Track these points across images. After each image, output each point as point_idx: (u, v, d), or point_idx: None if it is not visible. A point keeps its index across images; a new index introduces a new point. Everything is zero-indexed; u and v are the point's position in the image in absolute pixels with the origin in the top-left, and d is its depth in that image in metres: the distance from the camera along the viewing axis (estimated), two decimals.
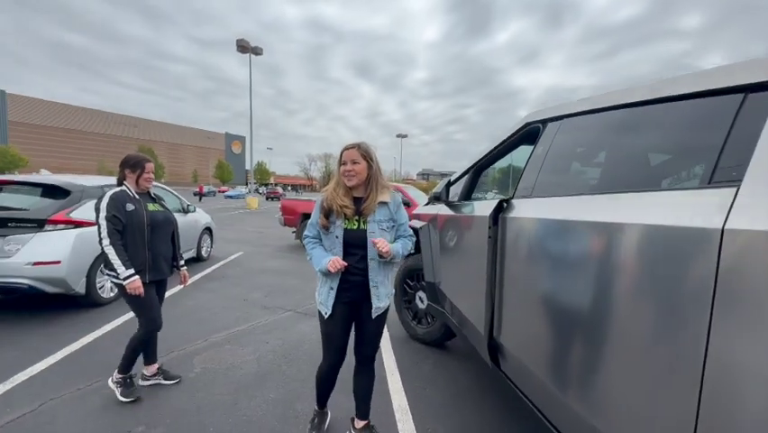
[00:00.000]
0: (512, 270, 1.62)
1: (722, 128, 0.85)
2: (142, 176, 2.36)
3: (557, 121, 1.62)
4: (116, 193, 2.23)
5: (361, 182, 1.75)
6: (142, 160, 2.37)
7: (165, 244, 2.44)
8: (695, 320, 0.77)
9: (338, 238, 1.73)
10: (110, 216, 2.14)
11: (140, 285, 2.16)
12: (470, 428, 2.13)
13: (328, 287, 1.76)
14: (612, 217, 1.06)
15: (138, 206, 2.27)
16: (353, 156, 1.72)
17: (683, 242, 0.82)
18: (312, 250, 1.81)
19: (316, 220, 1.79)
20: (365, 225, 1.73)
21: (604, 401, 1.05)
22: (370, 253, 1.72)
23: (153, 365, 2.49)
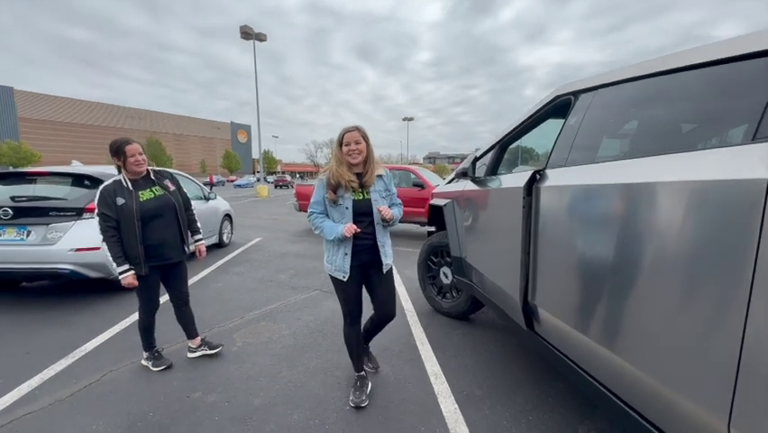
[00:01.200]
0: (547, 236, 1.71)
1: (764, 86, 0.92)
2: (128, 160, 2.24)
3: (591, 92, 1.68)
4: (107, 186, 2.20)
5: (363, 159, 2.01)
6: (122, 144, 2.23)
7: (168, 231, 2.40)
8: (739, 268, 0.86)
9: (348, 209, 1.99)
10: (100, 213, 2.17)
11: (132, 280, 2.24)
12: (501, 388, 2.26)
13: (342, 253, 2.01)
14: (652, 178, 1.13)
15: (128, 198, 2.22)
16: (356, 137, 1.98)
17: (728, 195, 0.90)
18: (322, 223, 2.03)
19: (322, 198, 2.04)
20: (368, 196, 2.03)
21: (645, 348, 1.15)
22: (376, 219, 2.02)
23: (196, 338, 2.65)
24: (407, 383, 2.32)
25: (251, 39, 23.89)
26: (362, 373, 2.23)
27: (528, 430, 1.90)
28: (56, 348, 2.72)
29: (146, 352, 2.50)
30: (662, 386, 1.09)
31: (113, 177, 2.31)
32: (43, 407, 2.05)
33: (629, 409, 1.25)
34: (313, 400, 2.15)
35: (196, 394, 2.18)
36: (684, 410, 1.03)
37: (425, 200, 7.27)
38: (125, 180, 2.27)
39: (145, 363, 2.48)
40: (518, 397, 2.18)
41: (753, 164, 0.86)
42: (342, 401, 2.13)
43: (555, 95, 1.95)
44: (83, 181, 3.90)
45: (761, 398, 0.83)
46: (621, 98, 1.51)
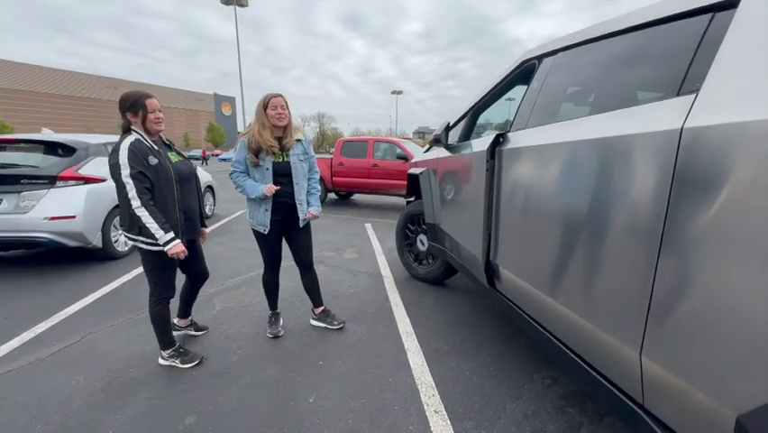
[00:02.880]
0: (506, 197, 1.79)
1: (692, 45, 0.97)
2: (148, 117, 1.92)
3: (551, 56, 1.71)
4: (134, 143, 1.84)
5: (286, 123, 2.21)
6: (141, 96, 1.92)
7: (194, 200, 2.17)
8: (657, 210, 0.94)
9: (268, 170, 2.21)
10: (135, 173, 1.80)
11: (182, 248, 1.92)
12: (467, 344, 2.41)
13: (263, 209, 2.25)
14: (593, 134, 1.20)
15: (161, 158, 1.93)
16: (281, 102, 2.18)
17: (649, 145, 0.97)
18: (244, 182, 2.24)
19: (243, 158, 2.23)
20: (288, 158, 2.26)
21: (586, 294, 1.26)
22: (295, 179, 2.27)
23: (188, 318, 2.47)
24: (380, 341, 2.45)
25: (233, 4, 22.80)
26: (277, 311, 2.65)
27: (488, 379, 2.04)
28: (36, 313, 2.76)
29: (166, 350, 2.12)
30: (594, 328, 1.21)
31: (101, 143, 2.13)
32: (23, 365, 2.11)
33: (568, 350, 1.37)
34: (288, 355, 2.26)
35: None
36: (610, 347, 1.15)
37: None
38: (146, 140, 1.92)
39: (168, 362, 2.11)
40: (483, 352, 2.32)
41: (672, 115, 0.92)
42: (316, 357, 2.24)
43: (522, 60, 1.98)
44: (55, 149, 3.82)
45: (664, 333, 0.93)
46: (576, 61, 1.56)
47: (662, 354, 0.95)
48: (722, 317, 0.80)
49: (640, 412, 1.05)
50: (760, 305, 0.72)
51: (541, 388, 1.98)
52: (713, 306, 0.81)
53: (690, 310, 0.86)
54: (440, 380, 2.03)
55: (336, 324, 2.60)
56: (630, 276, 1.03)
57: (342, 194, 9.75)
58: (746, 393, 0.75)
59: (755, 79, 0.78)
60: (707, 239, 0.82)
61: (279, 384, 1.98)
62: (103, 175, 3.92)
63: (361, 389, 1.95)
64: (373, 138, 8.30)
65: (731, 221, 0.77)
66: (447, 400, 1.86)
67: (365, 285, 3.48)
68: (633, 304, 1.02)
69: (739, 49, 0.84)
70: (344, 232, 5.78)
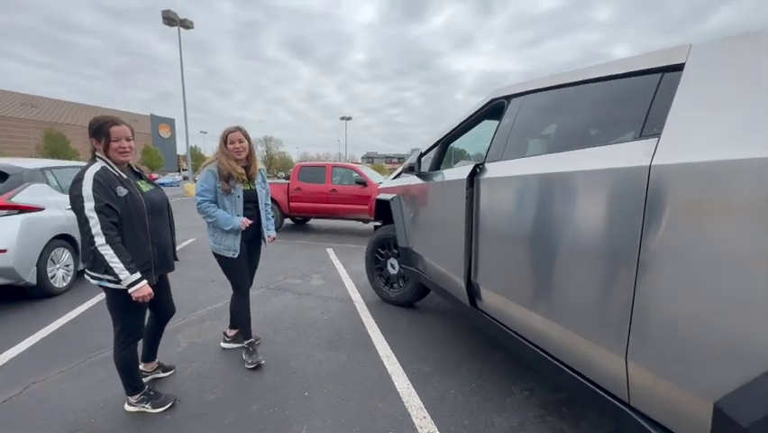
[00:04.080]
0: (486, 222, 1.95)
1: (647, 97, 1.20)
2: (111, 145, 1.75)
3: (520, 97, 1.94)
4: (100, 173, 1.69)
5: (246, 155, 2.34)
6: (107, 122, 1.76)
7: (166, 232, 2.02)
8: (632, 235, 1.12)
9: (239, 198, 2.33)
10: (101, 207, 1.64)
11: (149, 291, 1.74)
12: (447, 363, 2.49)
13: (233, 234, 2.32)
14: (567, 168, 1.39)
15: (131, 188, 1.78)
16: (239, 137, 2.30)
17: (623, 178, 1.16)
18: (215, 212, 2.27)
19: (213, 187, 2.29)
20: (253, 186, 2.43)
21: (575, 309, 1.41)
22: (260, 204, 2.45)
23: (154, 361, 2.27)
24: (362, 367, 2.44)
25: (176, 25, 22.07)
26: (251, 340, 2.51)
27: (472, 395, 2.13)
28: None
29: (134, 396, 1.94)
30: (582, 338, 1.35)
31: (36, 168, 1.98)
32: None
33: (554, 360, 1.51)
34: (270, 389, 2.17)
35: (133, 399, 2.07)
36: (597, 354, 1.29)
37: (368, 198, 7.44)
38: (114, 168, 1.77)
39: (137, 408, 1.93)
40: (462, 369, 2.42)
41: (638, 155, 1.12)
42: (300, 389, 2.18)
43: (491, 98, 2.20)
44: None
45: (646, 339, 1.09)
46: (544, 103, 1.79)
47: (645, 357, 1.11)
48: (694, 320, 0.96)
49: (627, 411, 1.19)
50: (722, 308, 0.90)
51: (521, 399, 2.10)
52: (686, 311, 0.98)
53: (667, 316, 1.03)
54: (427, 401, 2.08)
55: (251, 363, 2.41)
56: (614, 291, 1.19)
57: (299, 219, 9.59)
58: (719, 383, 0.91)
59: (705, 128, 0.99)
60: (677, 255, 1.00)
61: (266, 421, 1.90)
62: (41, 203, 3.55)
63: (352, 417, 1.94)
64: (332, 163, 8.36)
65: (695, 239, 0.96)
66: (438, 421, 1.91)
67: (337, 311, 3.45)
68: (617, 315, 1.18)
69: (689, 102, 1.06)
70: (306, 258, 5.68)
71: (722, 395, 0.90)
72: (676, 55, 1.14)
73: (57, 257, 3.73)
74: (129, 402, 1.95)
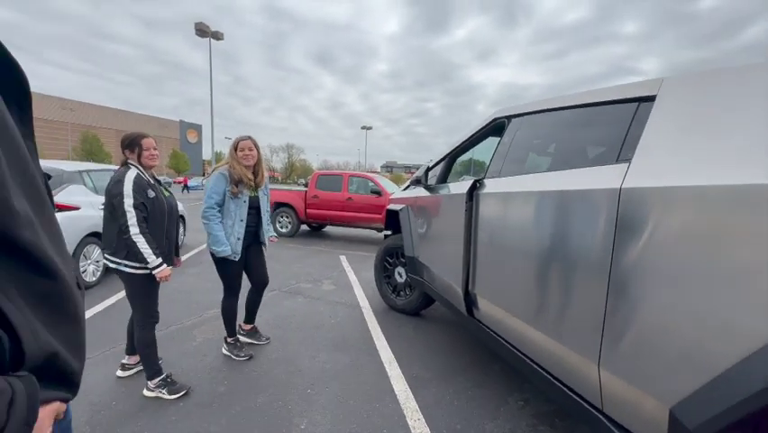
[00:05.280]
0: (482, 235, 2.05)
1: (625, 124, 1.30)
2: (143, 154, 2.13)
3: (520, 117, 2.06)
4: (137, 177, 2.05)
5: (254, 163, 2.53)
6: (137, 137, 2.15)
7: (174, 231, 2.34)
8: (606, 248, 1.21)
9: (245, 202, 2.50)
10: (138, 204, 2.00)
11: (169, 272, 2.10)
12: (447, 371, 2.57)
13: (235, 238, 2.47)
14: (553, 187, 1.49)
15: (157, 192, 2.14)
16: (249, 145, 2.49)
17: (598, 199, 1.25)
18: (215, 227, 2.40)
19: (222, 189, 2.42)
20: (257, 193, 2.61)
21: (554, 319, 1.49)
22: (261, 210, 2.63)
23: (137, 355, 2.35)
24: (364, 369, 2.56)
25: (207, 36, 23.15)
26: (237, 336, 2.76)
27: (468, 402, 2.21)
28: None
29: (153, 380, 2.15)
30: (562, 347, 1.44)
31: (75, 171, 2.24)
32: None
33: (540, 369, 1.59)
34: (275, 385, 2.31)
35: None
36: (575, 363, 1.37)
37: (383, 207, 7.59)
38: (144, 174, 2.12)
39: (154, 394, 2.13)
40: (461, 377, 2.49)
41: (614, 177, 1.22)
42: (304, 386, 2.31)
43: (493, 117, 2.32)
44: None
45: (615, 348, 1.17)
46: (538, 124, 1.90)
47: (614, 365, 1.19)
48: (653, 332, 1.05)
49: (600, 416, 1.27)
50: (676, 320, 0.98)
51: (515, 409, 2.16)
52: (648, 323, 1.07)
53: (632, 328, 1.11)
54: (423, 404, 2.17)
55: (264, 339, 2.90)
56: (588, 303, 1.28)
57: (315, 226, 9.83)
58: (673, 390, 0.99)
59: (670, 155, 1.08)
60: (642, 272, 1.09)
61: (270, 412, 2.03)
62: (77, 203, 3.85)
63: (351, 415, 2.05)
64: (348, 172, 8.58)
65: (655, 257, 1.04)
66: (432, 423, 1.99)
67: (345, 316, 3.58)
68: (590, 325, 1.26)
69: (658, 132, 1.16)
70: (320, 264, 5.86)
71: (676, 401, 0.98)
72: (650, 87, 1.24)
73: (88, 253, 4.03)
74: (148, 387, 2.15)
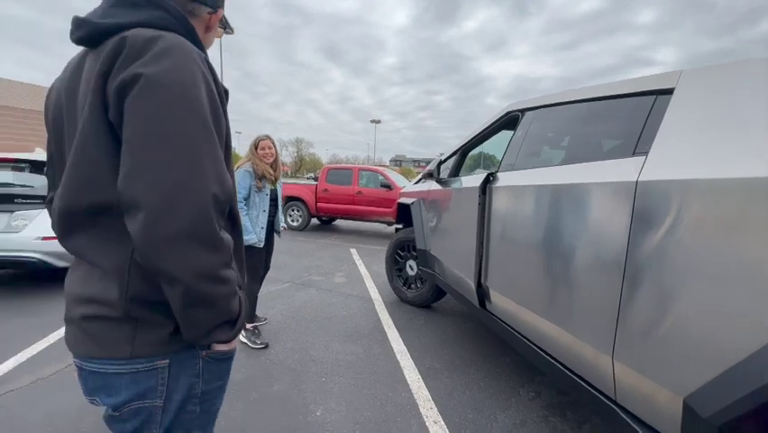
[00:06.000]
0: (496, 228, 2.06)
1: (641, 117, 1.29)
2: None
3: (533, 110, 2.05)
4: None
5: (273, 160, 2.77)
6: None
7: None
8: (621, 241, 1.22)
9: (267, 195, 2.74)
10: None
11: None
12: (457, 362, 2.60)
13: (259, 227, 2.68)
14: (569, 180, 1.50)
15: None
16: (268, 144, 2.75)
17: (614, 191, 1.26)
18: (243, 217, 2.58)
19: (248, 184, 2.63)
20: (276, 186, 2.86)
21: (568, 311, 1.51)
22: (278, 202, 2.90)
23: None
24: (377, 359, 2.60)
25: None
26: (255, 324, 2.92)
27: (479, 392, 2.24)
28: (28, 333, 2.73)
29: None
30: (575, 339, 1.45)
31: None
32: (26, 384, 2.12)
33: (554, 361, 1.61)
34: (291, 373, 2.37)
35: None
36: (589, 354, 1.39)
37: (393, 201, 7.61)
38: None
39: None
40: (472, 369, 2.53)
41: (630, 170, 1.22)
42: (318, 375, 2.37)
43: (506, 111, 2.31)
44: None
45: (628, 338, 1.19)
46: (553, 117, 1.90)
47: (627, 356, 1.20)
48: (668, 323, 1.06)
49: (613, 407, 1.29)
50: (691, 312, 0.99)
51: (526, 400, 2.19)
52: (662, 315, 1.08)
53: (647, 320, 1.13)
54: (435, 394, 2.21)
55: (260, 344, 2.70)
56: (603, 295, 1.29)
57: (325, 219, 9.91)
58: (688, 381, 1.00)
59: (687, 148, 1.09)
60: (657, 265, 1.09)
61: (286, 400, 2.10)
62: None
63: (364, 403, 2.10)
64: (358, 166, 8.61)
65: (671, 250, 1.05)
66: (444, 412, 2.03)
67: (357, 308, 3.63)
68: (605, 318, 1.28)
69: (675, 125, 1.15)
70: (331, 257, 5.92)
71: (690, 392, 0.99)
72: (668, 80, 1.23)
73: None
74: None
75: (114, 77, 0.60)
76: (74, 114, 0.66)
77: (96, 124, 0.61)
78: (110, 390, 0.67)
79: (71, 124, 0.67)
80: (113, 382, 0.67)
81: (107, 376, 0.67)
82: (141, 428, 0.70)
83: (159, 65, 0.59)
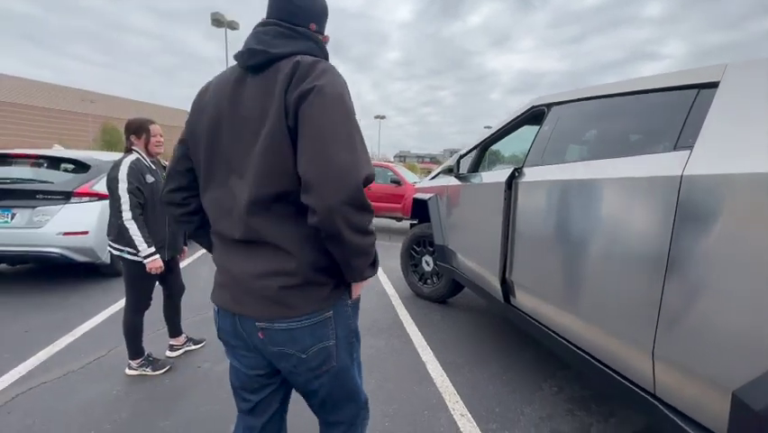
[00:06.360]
0: (523, 223, 2.06)
1: (683, 111, 1.29)
2: (150, 141, 2.16)
3: (561, 105, 2.04)
4: (134, 162, 2.04)
5: None
6: (146, 122, 2.17)
7: None
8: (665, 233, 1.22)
9: None
10: (132, 188, 1.98)
11: (161, 264, 2.08)
12: (477, 357, 2.62)
13: None
14: (606, 175, 1.50)
15: (156, 177, 2.13)
16: None
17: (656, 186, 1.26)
18: None
19: None
20: None
21: (605, 308, 1.52)
22: None
23: (181, 336, 2.54)
24: (399, 354, 2.63)
25: (223, 27, 23.21)
26: None
27: (503, 387, 2.25)
28: (54, 327, 2.78)
29: (137, 359, 2.23)
30: (611, 335, 1.46)
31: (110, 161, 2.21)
32: (58, 377, 2.17)
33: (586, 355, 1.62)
34: None
35: (205, 364, 2.37)
36: (626, 349, 1.40)
37: (402, 196, 7.62)
38: (145, 159, 2.14)
39: (137, 372, 2.21)
40: (493, 363, 2.54)
41: (673, 164, 1.22)
42: None
43: (531, 105, 2.31)
44: (70, 166, 3.88)
45: (672, 336, 1.19)
46: (584, 112, 1.89)
47: (669, 351, 1.21)
48: (715, 318, 1.06)
49: (653, 401, 1.29)
50: (740, 307, 0.99)
51: (550, 395, 2.20)
52: (709, 309, 1.08)
53: (692, 314, 1.13)
54: (460, 388, 2.22)
55: None
56: (643, 289, 1.29)
57: None
58: (738, 374, 1.01)
59: (734, 142, 1.08)
60: (703, 259, 1.10)
61: None
62: None
63: (391, 397, 2.12)
64: None
65: (718, 244, 1.05)
66: (470, 406, 2.05)
67: (374, 303, 3.65)
68: (645, 314, 1.28)
69: (722, 118, 1.15)
70: None
71: (740, 385, 1.00)
72: (712, 73, 1.23)
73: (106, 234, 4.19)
74: (130, 366, 2.23)
75: (293, 89, 0.79)
76: (241, 122, 0.85)
77: (281, 128, 0.80)
78: (296, 341, 0.87)
79: (236, 131, 0.86)
80: (298, 334, 0.87)
81: (293, 331, 0.86)
82: (323, 363, 0.91)
83: (324, 80, 0.79)
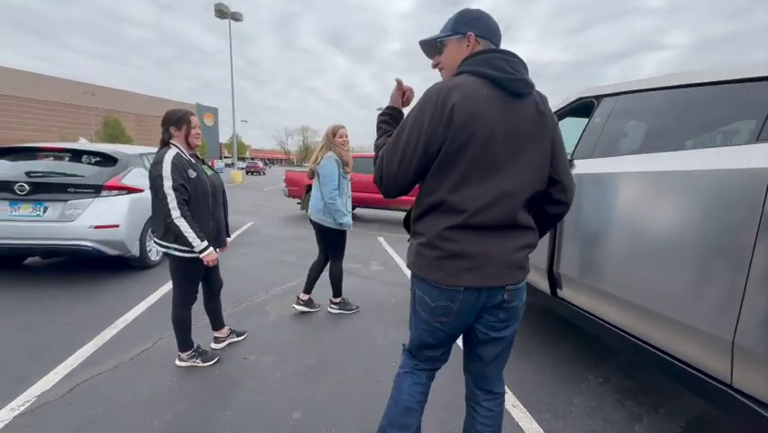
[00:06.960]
0: (572, 216, 2.06)
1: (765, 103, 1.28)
2: (191, 132, 2.11)
3: (613, 97, 2.03)
4: (176, 157, 1.99)
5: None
6: (186, 113, 2.12)
7: (221, 211, 2.32)
8: (751, 226, 1.22)
9: (350, 181, 2.97)
10: (177, 185, 1.95)
11: (215, 256, 2.10)
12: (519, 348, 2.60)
13: (344, 212, 2.85)
14: (675, 167, 1.49)
15: (198, 172, 2.10)
16: (346, 132, 2.92)
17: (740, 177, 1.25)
18: (340, 204, 2.80)
19: (337, 172, 2.80)
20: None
21: (683, 300, 1.52)
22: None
23: (224, 328, 2.53)
24: None
25: (227, 18, 23.00)
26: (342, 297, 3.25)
27: (549, 378, 2.28)
28: (95, 320, 2.80)
29: (187, 350, 2.25)
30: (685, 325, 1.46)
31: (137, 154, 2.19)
32: (110, 369, 2.19)
33: (649, 347, 1.63)
34: (359, 358, 2.42)
35: (251, 356, 2.40)
36: (701, 339, 1.41)
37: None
38: (185, 154, 2.08)
39: (188, 363, 2.23)
40: (533, 357, 2.56)
41: (759, 157, 1.22)
42: (386, 360, 2.41)
43: (578, 97, 2.29)
44: (98, 159, 3.88)
45: (754, 322, 1.20)
46: (643, 104, 1.87)
47: (752, 340, 1.22)
48: None
49: (728, 390, 1.30)
50: None
51: (596, 386, 2.22)
52: None
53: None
54: (507, 379, 2.24)
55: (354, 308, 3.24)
56: (724, 282, 1.30)
57: None
58: None
59: None
60: None
61: (364, 383, 2.15)
62: (141, 185, 4.00)
63: (438, 388, 2.11)
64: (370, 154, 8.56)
65: None
66: (520, 396, 2.08)
67: (403, 295, 3.67)
68: (727, 305, 1.28)
69: None
70: (361, 246, 5.96)
71: None
72: None
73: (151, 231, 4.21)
74: (180, 358, 2.25)
75: (549, 113, 1.12)
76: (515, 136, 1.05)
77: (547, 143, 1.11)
78: (521, 294, 1.18)
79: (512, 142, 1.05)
80: (522, 290, 1.18)
81: (521, 289, 1.17)
82: (522, 307, 1.21)
83: None
